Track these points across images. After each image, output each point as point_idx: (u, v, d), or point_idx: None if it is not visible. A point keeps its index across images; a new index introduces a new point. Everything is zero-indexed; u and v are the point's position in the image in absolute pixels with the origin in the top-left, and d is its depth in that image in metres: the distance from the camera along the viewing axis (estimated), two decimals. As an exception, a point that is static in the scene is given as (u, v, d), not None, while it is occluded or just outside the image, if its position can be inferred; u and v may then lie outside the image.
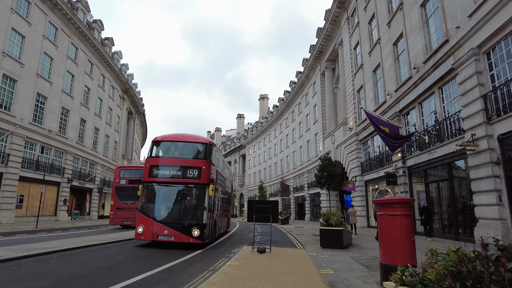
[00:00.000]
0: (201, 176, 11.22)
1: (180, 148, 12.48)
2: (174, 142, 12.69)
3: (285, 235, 17.16)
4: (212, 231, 12.09)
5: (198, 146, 12.24)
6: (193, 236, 10.60)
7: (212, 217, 11.78)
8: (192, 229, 10.70)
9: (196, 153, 12.10)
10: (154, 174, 11.47)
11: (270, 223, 9.75)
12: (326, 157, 17.07)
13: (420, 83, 14.81)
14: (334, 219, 11.10)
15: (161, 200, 11.45)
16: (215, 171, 12.66)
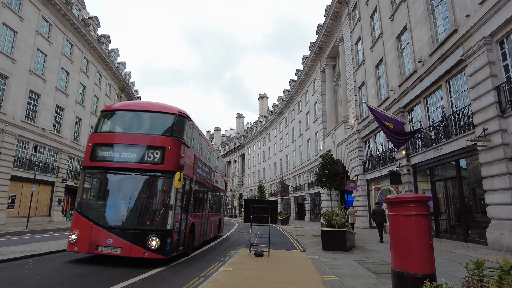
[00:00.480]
0: (164, 159, 7.91)
1: (138, 120, 9.10)
2: (130, 112, 9.24)
3: (284, 236, 16.48)
4: (185, 240, 8.98)
5: (163, 118, 8.83)
6: (149, 248, 7.32)
7: (185, 220, 8.86)
8: (148, 238, 7.38)
9: (159, 127, 8.76)
10: (98, 156, 8.13)
11: (268, 224, 9.07)
12: (328, 154, 16.36)
13: (426, 77, 14.14)
14: (337, 219, 10.43)
15: (105, 194, 8.30)
16: (191, 156, 9.58)
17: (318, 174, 15.86)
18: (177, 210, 8.15)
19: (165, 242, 7.55)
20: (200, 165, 10.95)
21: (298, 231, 20.19)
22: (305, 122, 41.28)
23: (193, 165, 9.83)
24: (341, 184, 15.99)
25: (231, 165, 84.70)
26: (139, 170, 7.97)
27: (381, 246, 11.64)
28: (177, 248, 8.32)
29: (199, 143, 11.42)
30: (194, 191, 10.20)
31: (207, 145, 13.49)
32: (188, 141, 9.35)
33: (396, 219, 4.78)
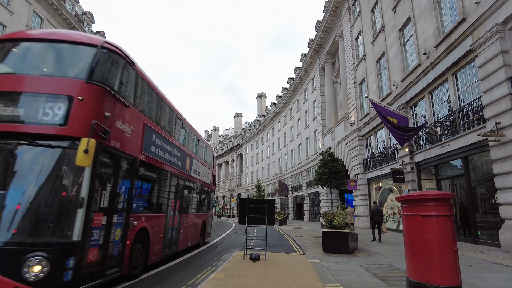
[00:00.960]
0: (69, 118, 4.69)
1: (37, 56, 5.42)
2: (22, 42, 5.51)
3: (283, 238, 15.79)
4: (124, 255, 5.87)
5: (77, 53, 5.41)
6: (26, 279, 3.98)
7: (121, 225, 5.76)
8: (26, 261, 4.03)
9: (70, 67, 5.29)
10: None
11: (265, 225, 8.36)
12: (328, 152, 15.67)
13: (431, 70, 13.48)
14: (338, 220, 9.75)
15: None
16: (136, 122, 6.33)
17: (318, 172, 15.15)
18: (95, 206, 4.91)
19: (63, 267, 4.20)
20: (159, 141, 7.50)
21: (297, 231, 19.51)
22: (303, 120, 40.61)
23: (141, 138, 6.48)
24: (342, 183, 15.29)
25: (229, 164, 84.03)
26: (23, 137, 4.59)
27: (384, 248, 10.97)
28: (100, 272, 5.05)
29: (157, 107, 7.80)
30: (147, 179, 7.12)
31: (178, 119, 9.54)
32: (127, 94, 6.04)
33: (412, 221, 4.10)
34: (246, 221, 8.44)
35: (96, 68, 5.11)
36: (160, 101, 8.11)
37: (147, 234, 7.03)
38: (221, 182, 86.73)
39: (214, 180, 14.98)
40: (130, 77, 6.29)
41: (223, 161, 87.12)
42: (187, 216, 10.35)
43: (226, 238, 15.53)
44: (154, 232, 7.42)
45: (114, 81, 5.68)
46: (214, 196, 14.84)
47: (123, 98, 5.80)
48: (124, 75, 6.04)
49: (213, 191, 14.70)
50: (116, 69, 5.80)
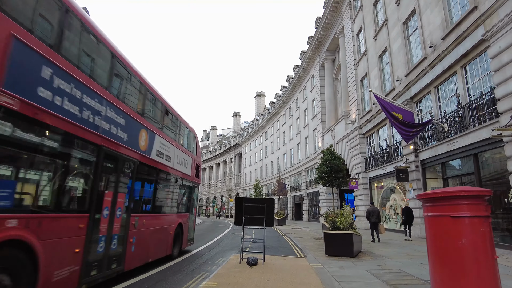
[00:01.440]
0: None
1: None
2: None
3: (282, 239, 15.13)
4: None
5: None
6: None
7: None
8: None
9: None
10: None
11: (263, 226, 7.69)
12: (329, 149, 14.99)
13: (438, 63, 12.84)
14: (342, 220, 9.09)
15: None
16: None
17: (319, 170, 14.44)
18: None
19: None
20: (59, 82, 4.32)
21: (296, 232, 18.85)
22: (303, 119, 39.96)
23: None
24: (344, 182, 14.62)
25: (227, 164, 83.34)
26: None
27: (390, 250, 10.32)
28: None
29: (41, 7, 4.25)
30: (31, 147, 4.06)
31: (113, 58, 6.02)
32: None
33: (439, 223, 3.43)
34: (243, 222, 7.77)
35: None
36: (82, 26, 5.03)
37: (31, 252, 3.83)
38: (219, 182, 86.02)
39: (198, 171, 11.64)
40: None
41: (221, 160, 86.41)
42: (145, 218, 7.30)
43: (222, 240, 14.86)
44: (52, 246, 4.20)
45: None
46: (197, 192, 11.52)
47: None
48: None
49: (196, 185, 11.39)
50: None
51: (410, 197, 15.08)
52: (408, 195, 15.32)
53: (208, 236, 16.55)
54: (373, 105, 19.86)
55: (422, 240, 13.15)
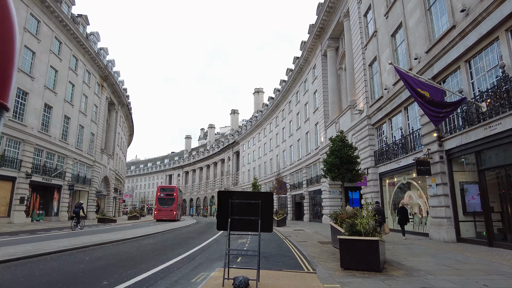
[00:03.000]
0: None
1: None
2: None
3: (282, 244, 12.85)
4: None
5: None
6: None
7: None
8: None
9: None
10: None
11: (258, 233, 5.39)
12: (339, 137, 12.65)
13: (472, 31, 10.58)
14: (363, 223, 6.82)
15: None
16: None
17: (327, 161, 12.09)
18: None
19: None
20: None
21: (298, 235, 16.59)
22: (303, 113, 37.71)
23: None
24: (357, 175, 12.26)
25: (225, 163, 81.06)
26: None
27: (423, 259, 8.05)
28: None
29: None
30: None
31: None
32: None
33: None
34: (228, 226, 5.46)
35: None
36: None
37: None
38: (217, 181, 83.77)
39: None
40: None
41: (219, 159, 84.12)
42: None
43: (211, 245, 12.54)
44: None
45: None
46: None
47: None
48: None
49: None
50: None
51: (433, 194, 12.83)
52: (430, 191, 13.07)
53: (197, 240, 14.28)
54: (385, 90, 17.62)
55: (436, 242, 10.93)
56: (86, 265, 7.43)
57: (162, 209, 38.03)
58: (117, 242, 12.49)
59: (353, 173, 11.97)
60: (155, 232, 17.68)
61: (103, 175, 42.66)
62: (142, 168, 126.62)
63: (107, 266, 7.37)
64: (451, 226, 11.85)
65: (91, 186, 38.62)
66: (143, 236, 15.45)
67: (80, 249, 10.06)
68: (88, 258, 8.47)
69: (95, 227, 22.78)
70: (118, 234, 15.38)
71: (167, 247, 11.48)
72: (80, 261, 7.96)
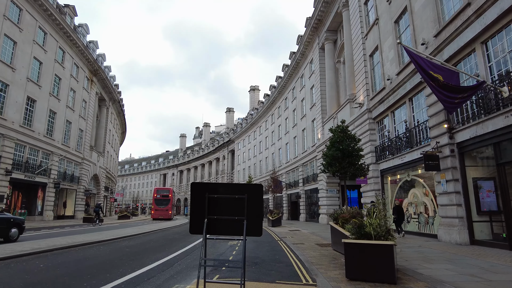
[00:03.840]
0: None
1: None
2: None
3: (277, 247, 11.60)
4: None
5: None
6: None
7: None
8: None
9: None
10: None
11: (243, 237, 4.13)
12: (340, 127, 11.33)
13: (490, 7, 9.41)
14: (374, 224, 5.59)
15: None
16: None
17: (327, 154, 10.75)
18: None
19: None
20: None
21: (294, 236, 15.37)
22: (300, 110, 36.51)
23: None
24: (361, 170, 10.90)
25: (220, 162, 79.72)
26: None
27: (442, 267, 6.85)
28: None
29: None
30: None
31: None
32: None
33: None
34: (204, 228, 4.19)
35: None
36: None
37: None
38: (212, 180, 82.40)
39: None
40: None
41: (214, 158, 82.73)
42: None
43: (197, 248, 11.23)
44: None
45: None
46: None
47: None
48: None
49: None
50: None
51: (443, 191, 11.66)
52: (439, 188, 11.90)
53: (183, 242, 13.00)
54: (387, 81, 16.45)
55: (447, 244, 9.76)
56: (34, 277, 6.11)
57: (159, 209, 41.21)
58: (90, 244, 11.15)
59: (356, 167, 10.68)
60: (139, 233, 16.36)
61: (92, 173, 41.14)
62: (136, 167, 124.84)
63: (58, 277, 6.06)
64: (463, 227, 10.68)
65: (80, 184, 37.12)
66: (124, 237, 14.13)
67: (41, 254, 8.72)
68: (45, 266, 7.14)
69: (78, 227, 21.41)
70: (97, 236, 14.03)
71: (146, 250, 10.17)
72: (30, 271, 6.63)
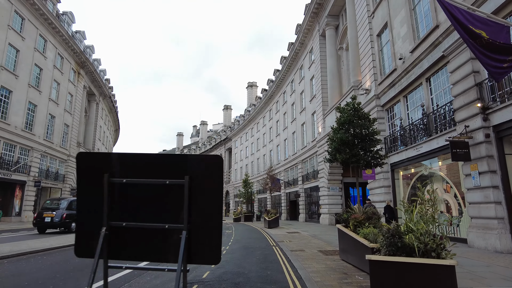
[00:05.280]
0: None
1: None
2: None
3: (270, 254, 9.41)
4: None
5: None
6: None
7: None
8: None
9: None
10: None
11: (177, 267, 1.96)
12: (351, 103, 8.89)
13: None
14: (420, 230, 3.40)
15: None
16: None
17: (335, 138, 8.30)
18: None
19: None
20: None
21: (293, 239, 13.20)
22: (299, 103, 34.33)
23: None
24: (379, 157, 8.50)
25: (217, 160, 77.30)
26: None
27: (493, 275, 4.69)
28: None
29: None
30: None
31: None
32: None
33: None
34: (98, 247, 2.03)
35: None
36: None
37: None
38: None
39: None
40: None
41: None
42: None
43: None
44: None
45: None
46: None
47: None
48: None
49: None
50: None
51: (474, 185, 9.50)
52: (469, 182, 9.73)
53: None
54: (399, 61, 14.29)
55: (483, 251, 7.60)
56: None
57: None
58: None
59: (373, 154, 8.32)
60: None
61: (80, 171, 38.87)
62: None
63: None
64: (505, 230, 8.52)
65: (65, 183, 34.92)
66: (56, 248, 11.37)
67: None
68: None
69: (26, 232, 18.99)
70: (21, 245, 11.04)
71: (67, 272, 6.93)
72: None
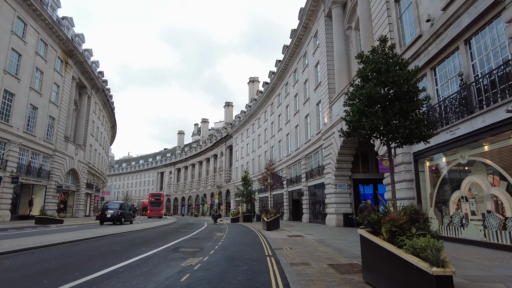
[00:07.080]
0: None
1: None
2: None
3: (260, 273, 6.68)
4: None
5: None
6: None
7: None
8: None
9: None
10: None
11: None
12: (381, 46, 6.09)
13: None
14: None
15: None
16: None
17: (359, 95, 5.31)
18: None
19: None
20: None
21: (295, 245, 10.48)
22: (302, 93, 31.60)
23: None
24: (425, 126, 5.57)
25: (217, 158, 75.00)
26: None
27: None
28: None
29: None
30: None
31: None
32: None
33: None
34: None
35: None
36: None
37: None
38: (209, 178, 77.63)
39: None
40: None
41: (211, 155, 77.92)
42: None
43: (123, 271, 6.37)
44: None
45: None
46: None
47: None
48: None
49: None
50: None
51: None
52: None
53: (118, 258, 8.17)
54: (426, 24, 11.54)
55: None
56: None
57: (153, 209, 52.38)
58: None
59: (418, 119, 5.14)
60: (73, 240, 11.53)
61: (69, 168, 36.34)
62: (134, 165, 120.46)
63: None
64: None
65: (51, 179, 32.39)
66: (34, 248, 9.26)
67: None
68: None
69: (30, 229, 16.56)
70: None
71: (34, 275, 5.33)
72: None
